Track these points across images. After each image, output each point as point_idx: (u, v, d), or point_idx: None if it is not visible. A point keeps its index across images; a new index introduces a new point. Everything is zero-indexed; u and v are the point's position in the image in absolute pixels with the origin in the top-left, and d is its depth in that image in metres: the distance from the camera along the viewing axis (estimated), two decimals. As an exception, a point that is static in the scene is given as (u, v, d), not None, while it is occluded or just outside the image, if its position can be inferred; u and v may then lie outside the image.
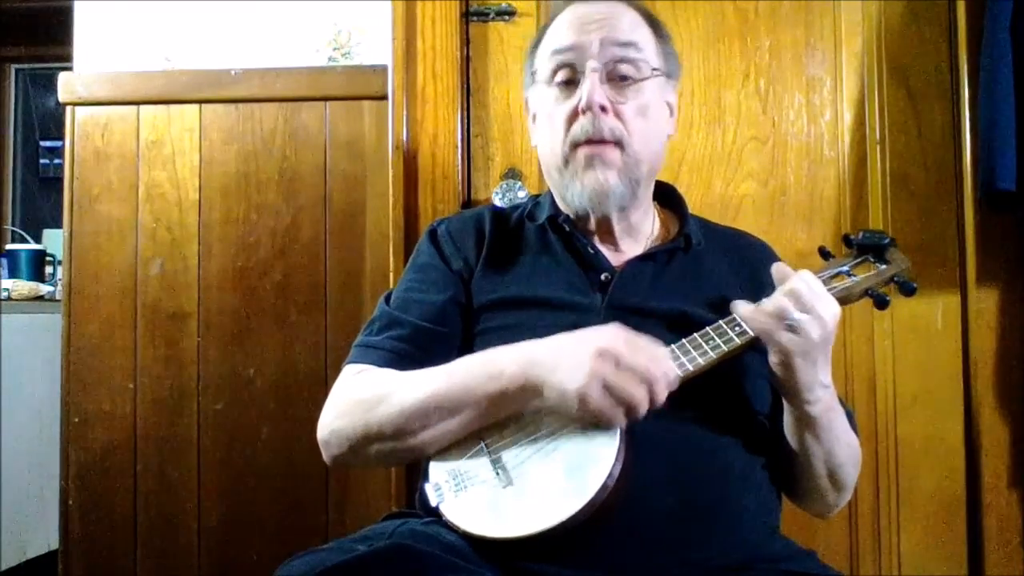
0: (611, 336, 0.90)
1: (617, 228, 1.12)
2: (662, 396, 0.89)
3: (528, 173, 1.63)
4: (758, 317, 0.95)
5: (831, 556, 1.52)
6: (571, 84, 1.09)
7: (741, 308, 0.98)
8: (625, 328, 0.92)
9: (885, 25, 1.60)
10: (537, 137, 1.16)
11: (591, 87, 1.05)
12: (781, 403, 1.03)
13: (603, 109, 1.05)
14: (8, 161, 3.74)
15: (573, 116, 1.07)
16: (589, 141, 1.06)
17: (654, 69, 1.10)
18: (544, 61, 1.11)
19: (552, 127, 1.09)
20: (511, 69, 1.64)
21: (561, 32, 1.11)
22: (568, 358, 0.90)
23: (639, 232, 1.15)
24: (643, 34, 1.10)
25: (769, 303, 0.95)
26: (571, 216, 1.14)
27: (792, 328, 0.93)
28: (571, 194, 1.09)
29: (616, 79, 1.07)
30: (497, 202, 1.58)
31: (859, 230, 1.11)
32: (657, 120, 1.11)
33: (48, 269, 2.78)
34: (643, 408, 0.88)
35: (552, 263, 1.12)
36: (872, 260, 1.06)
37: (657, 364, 0.89)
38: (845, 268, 1.05)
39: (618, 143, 1.06)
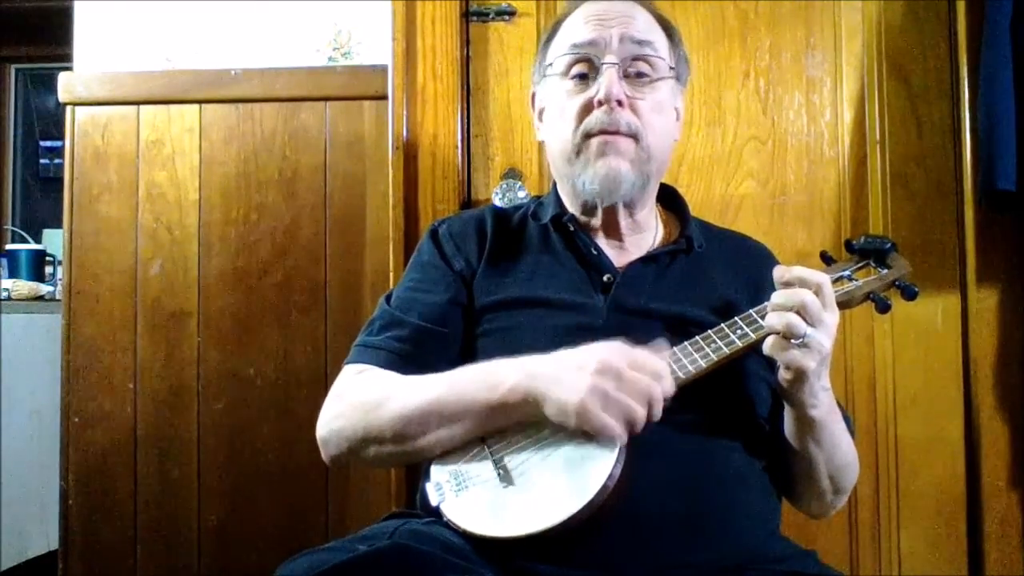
0: (613, 352, 0.90)
1: (623, 224, 1.13)
2: (659, 412, 0.89)
3: (528, 173, 1.63)
4: (772, 343, 0.94)
5: (831, 556, 1.51)
6: (586, 78, 1.09)
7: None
8: (628, 344, 0.91)
9: (885, 25, 1.60)
10: (545, 130, 1.16)
11: (610, 81, 1.05)
12: (780, 405, 1.04)
13: (619, 103, 1.05)
14: (8, 161, 3.73)
15: (587, 108, 1.07)
16: (603, 131, 1.06)
17: (671, 68, 1.11)
18: (560, 54, 1.11)
19: (563, 118, 1.10)
20: (511, 69, 1.64)
21: (579, 27, 1.11)
22: (569, 372, 0.90)
23: (644, 231, 1.15)
24: (658, 35, 1.11)
25: (778, 321, 0.94)
26: (576, 215, 1.14)
27: (805, 344, 0.92)
28: (582, 182, 1.08)
29: (632, 76, 1.08)
30: (497, 202, 1.58)
31: (861, 235, 1.11)
32: (669, 120, 1.12)
33: (48, 269, 2.77)
34: (641, 424, 0.88)
35: (554, 263, 1.12)
36: (873, 265, 1.06)
37: (658, 382, 0.89)
38: (847, 273, 1.05)
39: (633, 136, 1.06)
